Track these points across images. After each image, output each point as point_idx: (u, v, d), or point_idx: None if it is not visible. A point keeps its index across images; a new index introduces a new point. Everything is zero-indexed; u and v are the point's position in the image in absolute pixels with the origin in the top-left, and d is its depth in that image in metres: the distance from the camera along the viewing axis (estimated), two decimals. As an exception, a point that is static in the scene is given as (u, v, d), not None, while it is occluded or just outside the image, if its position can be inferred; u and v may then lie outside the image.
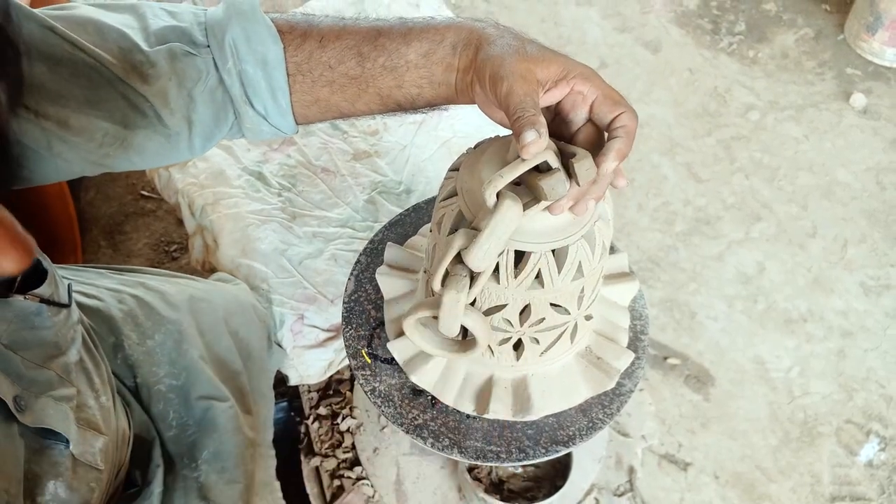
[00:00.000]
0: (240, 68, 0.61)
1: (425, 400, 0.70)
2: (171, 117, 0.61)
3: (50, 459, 0.58)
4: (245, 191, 1.07)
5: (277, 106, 0.63)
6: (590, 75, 0.57)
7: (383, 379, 0.71)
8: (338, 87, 0.62)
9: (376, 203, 1.10)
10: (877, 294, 1.57)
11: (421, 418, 0.69)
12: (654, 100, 1.91)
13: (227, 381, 0.85)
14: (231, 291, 0.94)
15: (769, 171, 1.78)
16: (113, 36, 0.59)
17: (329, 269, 1.02)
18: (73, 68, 0.57)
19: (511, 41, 0.57)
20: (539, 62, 0.55)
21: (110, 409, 0.68)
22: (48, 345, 0.58)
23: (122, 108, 0.60)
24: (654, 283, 1.58)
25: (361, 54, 0.60)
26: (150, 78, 0.59)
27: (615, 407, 0.70)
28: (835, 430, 1.40)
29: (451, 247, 0.54)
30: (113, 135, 0.60)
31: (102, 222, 1.63)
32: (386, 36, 0.60)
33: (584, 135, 0.57)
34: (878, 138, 1.84)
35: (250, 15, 0.61)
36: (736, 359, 1.48)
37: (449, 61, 0.59)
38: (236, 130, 0.67)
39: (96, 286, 0.83)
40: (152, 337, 0.81)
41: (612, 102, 0.56)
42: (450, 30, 0.59)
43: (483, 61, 0.56)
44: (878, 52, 1.97)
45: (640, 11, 2.14)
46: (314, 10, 1.34)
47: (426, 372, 0.68)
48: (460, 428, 0.68)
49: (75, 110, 0.57)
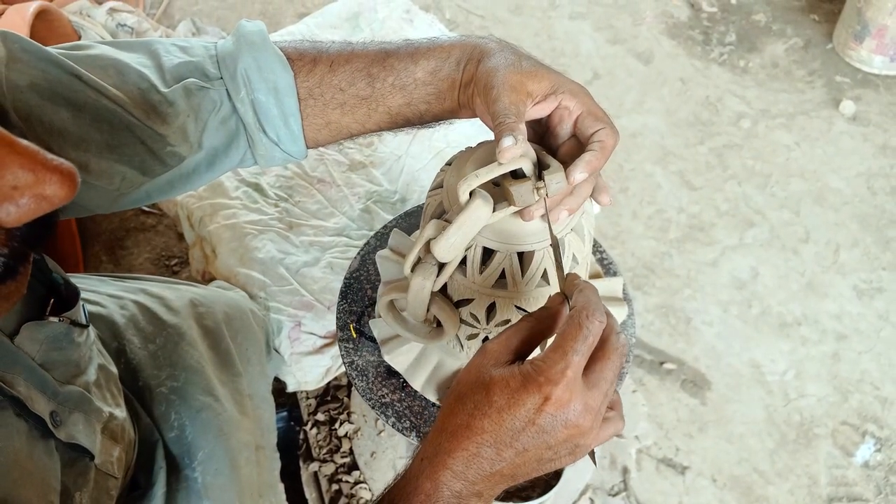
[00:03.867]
0: (252, 97, 0.63)
1: (397, 381, 0.72)
2: (189, 152, 0.63)
3: (77, 471, 0.60)
4: (243, 202, 1.09)
5: (289, 131, 0.65)
6: (578, 92, 0.59)
7: (363, 354, 0.74)
8: (349, 109, 0.64)
9: (371, 212, 1.12)
10: (869, 297, 1.59)
11: (389, 398, 0.72)
12: (647, 110, 1.94)
13: (226, 384, 0.87)
14: (230, 297, 0.96)
15: (761, 177, 1.80)
16: (133, 78, 0.61)
17: (325, 277, 1.04)
18: (95, 114, 0.58)
19: (509, 55, 0.60)
20: (531, 76, 0.58)
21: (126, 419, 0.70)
22: (72, 364, 0.60)
23: (141, 153, 0.61)
24: (650, 289, 1.60)
25: (371, 75, 0.63)
26: (169, 117, 0.61)
27: None
28: (831, 431, 1.41)
29: (422, 235, 0.56)
30: (130, 179, 0.62)
31: (104, 238, 1.65)
32: (394, 57, 0.63)
33: (567, 148, 0.60)
34: (868, 144, 1.87)
35: (260, 45, 0.63)
36: (732, 363, 1.49)
37: (454, 77, 0.62)
38: (249, 158, 0.68)
39: (98, 293, 0.85)
40: (154, 341, 0.83)
41: (595, 118, 0.58)
42: (455, 47, 0.62)
43: (481, 74, 0.59)
44: (866, 60, 2.00)
45: (632, 24, 2.17)
46: (309, 27, 1.38)
47: (401, 354, 0.70)
48: (424, 414, 0.70)
49: (96, 154, 0.59)
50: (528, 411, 0.46)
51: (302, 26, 1.39)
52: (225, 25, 2.07)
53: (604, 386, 0.47)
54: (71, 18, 1.63)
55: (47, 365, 0.57)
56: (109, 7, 1.73)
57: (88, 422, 0.61)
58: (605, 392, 0.48)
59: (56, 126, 0.56)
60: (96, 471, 0.62)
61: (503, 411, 0.46)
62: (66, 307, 0.59)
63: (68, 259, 1.56)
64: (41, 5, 1.51)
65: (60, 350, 0.58)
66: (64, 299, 0.60)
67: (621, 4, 2.23)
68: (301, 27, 1.39)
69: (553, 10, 2.21)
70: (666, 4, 2.23)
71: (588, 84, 1.98)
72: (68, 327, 0.58)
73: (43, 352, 0.56)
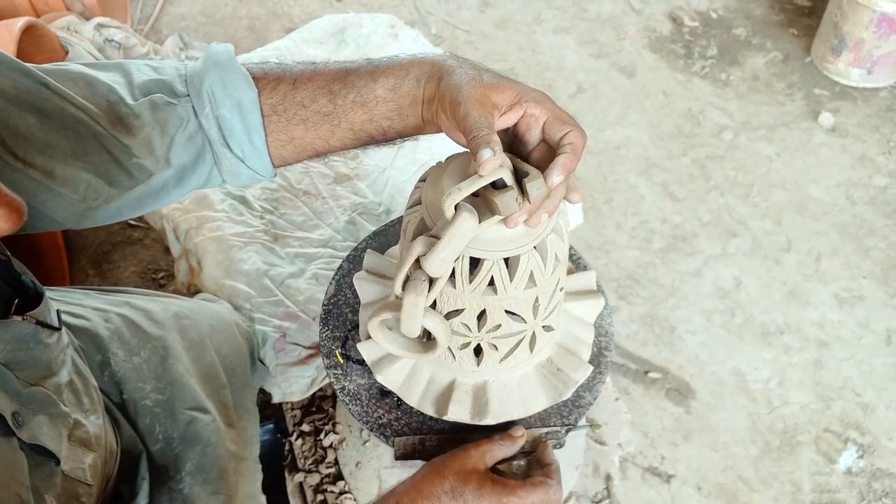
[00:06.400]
0: (217, 113, 0.65)
1: (391, 400, 0.73)
2: (155, 165, 0.65)
3: (43, 474, 0.60)
4: (228, 214, 1.10)
5: (254, 147, 0.67)
6: (541, 99, 0.61)
7: (353, 379, 0.74)
8: (312, 125, 0.66)
9: (357, 224, 1.13)
10: (850, 305, 1.61)
11: (385, 417, 0.72)
12: (631, 122, 1.97)
13: (211, 395, 0.87)
14: (215, 309, 0.97)
15: (743, 188, 1.83)
16: (101, 90, 0.63)
17: (311, 288, 1.05)
18: (61, 121, 0.60)
19: (469, 70, 0.61)
20: (494, 88, 0.60)
21: (101, 427, 0.70)
22: (41, 365, 0.61)
23: (107, 162, 0.62)
24: (634, 299, 1.61)
25: (332, 92, 0.65)
26: (135, 129, 0.63)
27: (573, 418, 0.73)
28: (814, 438, 1.42)
29: (410, 253, 0.57)
30: (96, 188, 0.63)
31: (90, 251, 1.65)
32: (354, 74, 0.65)
33: (538, 153, 0.62)
34: (847, 155, 1.90)
35: (226, 64, 0.65)
36: (716, 371, 1.51)
37: (415, 94, 0.64)
38: (216, 175, 0.70)
39: (83, 306, 0.86)
40: (138, 354, 0.84)
41: (561, 122, 0.60)
42: (413, 65, 0.64)
43: (444, 90, 0.61)
44: (843, 73, 2.04)
45: (616, 38, 2.21)
46: (294, 42, 1.39)
47: (392, 372, 0.70)
48: (422, 429, 0.71)
49: (61, 161, 0.60)
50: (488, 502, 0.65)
51: (288, 41, 1.41)
52: (212, 41, 2.08)
53: None
54: (58, 34, 1.64)
55: (12, 365, 0.57)
56: (97, 23, 1.75)
57: (53, 425, 0.61)
58: None
59: (22, 131, 0.57)
60: (63, 476, 0.62)
61: (471, 495, 0.65)
62: (32, 307, 0.59)
63: (54, 273, 1.56)
64: (28, 21, 1.52)
65: (27, 350, 0.59)
66: (31, 300, 0.60)
67: (605, 19, 2.27)
68: (287, 42, 1.40)
69: (538, 25, 2.24)
70: (648, 19, 2.27)
71: (573, 97, 2.01)
72: (35, 328, 0.59)
73: (8, 351, 0.57)
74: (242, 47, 2.08)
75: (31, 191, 0.59)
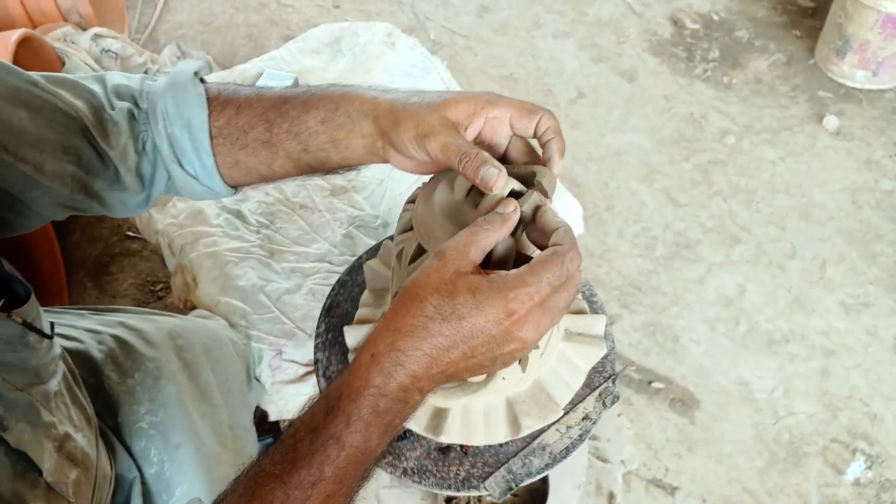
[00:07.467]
0: (169, 131, 0.66)
1: (456, 453, 0.68)
2: (127, 175, 0.67)
3: (26, 483, 0.60)
4: (224, 229, 1.09)
5: (203, 166, 0.68)
6: (494, 99, 0.60)
7: (406, 455, 0.68)
8: (251, 151, 0.67)
9: (354, 237, 1.12)
10: (857, 312, 1.59)
11: (461, 470, 0.67)
12: (632, 127, 1.95)
13: (206, 416, 0.86)
14: (209, 326, 0.96)
15: (747, 193, 1.80)
16: (85, 95, 0.66)
17: (307, 304, 1.03)
18: (51, 115, 0.62)
19: (406, 99, 0.60)
20: (445, 107, 0.58)
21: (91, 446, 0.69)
22: (29, 371, 0.61)
23: (90, 155, 0.65)
24: (637, 307, 1.59)
25: (269, 120, 0.65)
26: (112, 135, 0.66)
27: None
28: (821, 449, 1.40)
29: None
30: (79, 180, 0.64)
31: (88, 264, 1.64)
32: (290, 104, 0.65)
33: (515, 150, 0.62)
34: (852, 159, 1.88)
35: (183, 83, 0.66)
36: (720, 381, 1.49)
37: (349, 127, 0.63)
38: (173, 188, 0.71)
39: (76, 328, 0.85)
40: (132, 376, 0.83)
41: (527, 112, 0.59)
42: (343, 98, 0.63)
43: (391, 128, 0.59)
44: (848, 75, 2.02)
45: (616, 42, 2.19)
46: (290, 52, 1.38)
47: (418, 415, 0.64)
48: (496, 462, 0.67)
49: (51, 155, 0.62)
50: (488, 322, 0.49)
51: (284, 51, 1.40)
52: (210, 49, 2.07)
53: (555, 313, 0.51)
54: (55, 45, 1.63)
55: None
56: (94, 33, 1.73)
57: (35, 434, 0.60)
58: (554, 318, 0.52)
59: (15, 125, 0.59)
60: (47, 487, 0.61)
61: (464, 319, 0.49)
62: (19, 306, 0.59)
63: (52, 286, 1.55)
64: (24, 33, 1.51)
65: (14, 353, 0.59)
66: (18, 298, 0.60)
67: (605, 23, 2.25)
68: (283, 52, 1.39)
69: (537, 30, 2.22)
70: (649, 22, 2.25)
71: (573, 102, 2.00)
72: (22, 329, 0.59)
73: None
74: (240, 55, 2.07)
75: (19, 186, 0.61)
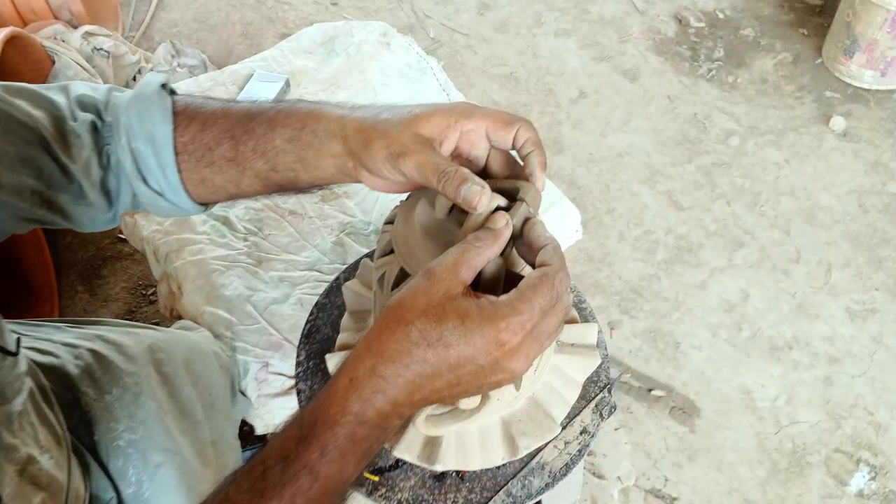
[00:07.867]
0: (132, 145, 0.63)
1: (452, 480, 0.66)
2: (91, 190, 0.64)
3: None
4: (210, 236, 1.06)
5: (169, 183, 0.64)
6: (469, 111, 0.56)
7: (400, 485, 0.66)
8: (218, 169, 0.63)
9: (344, 245, 1.09)
10: (862, 319, 1.55)
11: (458, 497, 0.65)
12: (634, 128, 1.91)
13: (186, 433, 0.83)
14: (192, 339, 0.93)
15: (751, 196, 1.77)
16: (46, 105, 0.62)
17: (295, 315, 1.01)
18: (6, 126, 0.59)
19: (376, 116, 0.57)
20: (417, 122, 0.55)
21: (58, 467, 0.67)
22: None
23: (51, 168, 0.62)
24: (637, 313, 1.56)
25: (234, 137, 0.62)
26: (75, 148, 0.62)
27: None
28: (824, 459, 1.37)
29: None
30: (39, 194, 0.61)
31: (79, 267, 1.62)
32: (256, 121, 0.61)
33: (495, 163, 0.58)
34: (860, 161, 1.84)
35: (148, 96, 0.63)
36: (721, 388, 1.46)
37: (317, 147, 0.59)
38: (139, 203, 0.68)
39: (52, 342, 0.82)
40: (110, 392, 0.80)
41: (504, 124, 0.56)
42: (310, 116, 0.60)
43: (361, 148, 0.56)
44: (856, 75, 1.97)
45: (619, 40, 2.15)
46: (282, 52, 1.35)
47: (405, 441, 0.63)
48: (494, 486, 0.65)
49: (8, 168, 0.59)
50: (477, 352, 0.46)
51: (276, 51, 1.36)
52: (205, 48, 2.05)
53: (545, 339, 0.49)
54: (44, 44, 1.60)
55: None
56: (85, 31, 1.71)
57: None
58: (543, 345, 0.49)
59: None
60: None
61: (451, 347, 0.46)
62: None
63: (42, 290, 1.52)
64: (12, 31, 1.48)
65: None
66: None
67: (607, 21, 2.21)
68: (275, 52, 1.36)
69: (538, 28, 2.19)
70: (652, 20, 2.21)
71: (574, 102, 1.96)
72: None
73: None
74: (236, 54, 2.04)
75: None
